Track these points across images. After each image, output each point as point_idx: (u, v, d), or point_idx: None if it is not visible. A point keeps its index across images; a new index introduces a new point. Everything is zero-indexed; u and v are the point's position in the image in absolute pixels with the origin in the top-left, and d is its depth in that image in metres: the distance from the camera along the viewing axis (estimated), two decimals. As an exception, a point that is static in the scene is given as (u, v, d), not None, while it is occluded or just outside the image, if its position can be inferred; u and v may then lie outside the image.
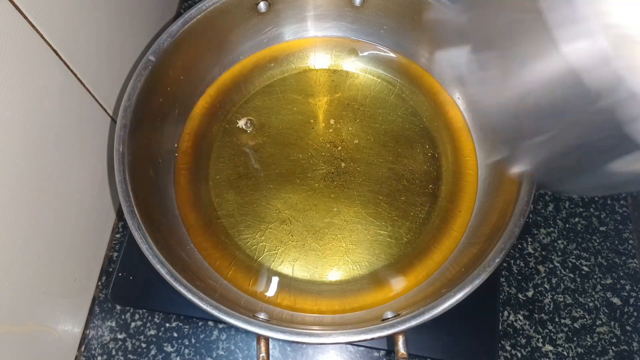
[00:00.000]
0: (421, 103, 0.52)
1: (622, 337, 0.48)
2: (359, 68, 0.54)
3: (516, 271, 0.51)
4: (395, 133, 0.51)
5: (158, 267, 0.36)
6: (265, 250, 0.45)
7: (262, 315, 0.38)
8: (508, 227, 0.38)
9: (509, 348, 0.47)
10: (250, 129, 0.51)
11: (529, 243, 0.52)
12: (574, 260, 0.51)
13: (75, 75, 0.39)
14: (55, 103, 0.37)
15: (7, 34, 0.30)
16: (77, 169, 0.42)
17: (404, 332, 0.35)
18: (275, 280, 0.44)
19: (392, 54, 0.53)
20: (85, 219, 0.45)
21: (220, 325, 0.47)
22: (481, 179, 0.47)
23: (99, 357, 0.46)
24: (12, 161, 0.33)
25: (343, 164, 0.49)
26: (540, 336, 0.48)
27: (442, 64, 0.31)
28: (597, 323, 0.49)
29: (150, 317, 0.48)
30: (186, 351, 0.46)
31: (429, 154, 0.50)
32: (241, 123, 0.51)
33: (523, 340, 0.48)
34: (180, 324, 0.47)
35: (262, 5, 0.49)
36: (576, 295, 0.50)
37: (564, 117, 0.26)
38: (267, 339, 0.35)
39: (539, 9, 0.23)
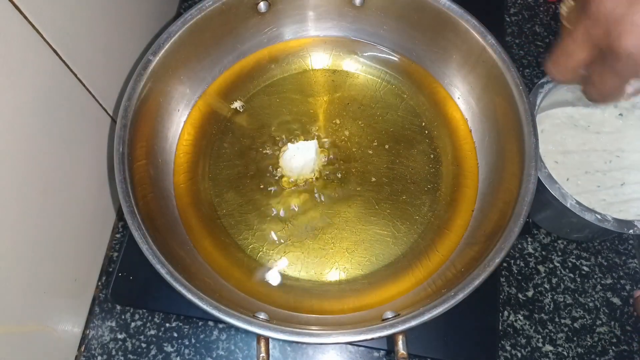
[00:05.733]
0: (421, 103, 0.52)
1: (622, 337, 0.48)
2: (359, 68, 0.54)
3: (516, 271, 0.51)
4: (395, 133, 0.51)
5: (158, 267, 0.36)
6: (265, 250, 0.45)
7: (262, 315, 0.38)
8: (508, 226, 0.38)
9: (509, 348, 0.47)
10: (250, 129, 0.51)
11: (529, 243, 0.52)
12: (574, 260, 0.51)
13: (75, 75, 0.39)
14: (56, 103, 0.37)
15: (7, 34, 0.30)
16: (78, 169, 0.42)
17: (404, 332, 0.35)
18: (275, 280, 0.44)
19: (392, 54, 0.53)
20: (85, 218, 0.45)
21: (220, 325, 0.47)
22: (481, 178, 0.47)
23: (99, 357, 0.46)
24: (12, 162, 0.33)
25: (343, 164, 0.49)
26: (540, 336, 0.48)
27: None
28: (597, 323, 0.49)
29: (150, 317, 0.48)
30: (186, 351, 0.46)
31: (429, 154, 0.50)
32: (241, 123, 0.51)
33: (523, 340, 0.48)
34: (180, 324, 0.47)
35: (262, 5, 0.49)
36: (576, 295, 0.50)
37: None
38: (267, 339, 0.35)
39: None
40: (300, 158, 0.47)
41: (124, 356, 0.46)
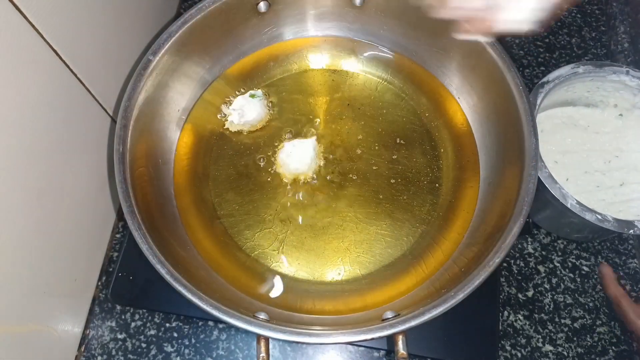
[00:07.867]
0: (421, 103, 0.52)
1: (622, 337, 0.48)
2: (359, 68, 0.54)
3: (516, 271, 0.51)
4: (395, 133, 0.51)
5: (158, 267, 0.36)
6: (265, 250, 0.45)
7: (262, 315, 0.38)
8: (508, 226, 0.38)
9: (509, 348, 0.47)
10: (250, 129, 0.51)
11: (529, 243, 0.52)
12: (574, 260, 0.51)
13: (75, 75, 0.39)
14: (56, 103, 0.37)
15: (7, 34, 0.31)
16: (78, 169, 0.42)
17: (404, 332, 0.35)
18: (275, 280, 0.44)
19: (392, 54, 0.53)
20: (85, 219, 0.45)
21: (220, 325, 0.47)
22: (481, 178, 0.47)
23: (99, 357, 0.46)
24: (12, 161, 0.33)
25: (343, 164, 0.49)
26: (540, 336, 0.48)
27: None
28: (597, 323, 0.49)
29: (150, 317, 0.48)
30: (186, 351, 0.46)
31: (430, 154, 0.50)
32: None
33: (523, 340, 0.48)
34: (181, 324, 0.47)
35: (262, 5, 0.49)
36: (576, 295, 0.50)
37: None
38: (267, 339, 0.35)
39: None
40: (296, 156, 0.47)
41: (124, 356, 0.46)
